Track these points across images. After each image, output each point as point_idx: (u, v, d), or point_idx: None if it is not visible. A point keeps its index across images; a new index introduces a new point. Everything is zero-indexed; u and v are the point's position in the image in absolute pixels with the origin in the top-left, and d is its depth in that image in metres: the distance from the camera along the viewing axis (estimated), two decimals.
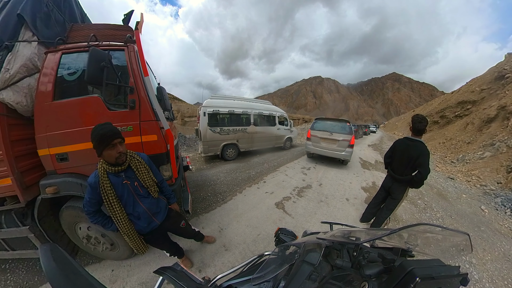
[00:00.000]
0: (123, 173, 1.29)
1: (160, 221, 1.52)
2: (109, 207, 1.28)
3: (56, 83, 1.57)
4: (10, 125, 1.51)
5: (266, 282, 0.65)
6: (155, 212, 1.47)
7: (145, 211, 1.40)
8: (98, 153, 1.18)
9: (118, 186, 1.27)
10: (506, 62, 12.73)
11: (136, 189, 1.35)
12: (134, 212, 1.37)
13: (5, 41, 1.46)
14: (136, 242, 1.47)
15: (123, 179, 1.29)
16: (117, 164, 1.24)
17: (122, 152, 1.21)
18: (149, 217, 1.43)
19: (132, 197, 1.34)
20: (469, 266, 2.25)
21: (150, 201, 1.43)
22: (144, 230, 1.46)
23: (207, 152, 5.77)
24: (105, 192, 1.23)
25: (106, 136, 1.13)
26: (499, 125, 8.24)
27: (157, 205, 1.49)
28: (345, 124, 5.95)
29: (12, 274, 1.91)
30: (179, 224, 1.76)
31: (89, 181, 1.24)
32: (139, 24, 1.73)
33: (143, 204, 1.39)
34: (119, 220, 1.33)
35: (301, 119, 67.73)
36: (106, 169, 1.23)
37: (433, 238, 0.71)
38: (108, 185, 1.23)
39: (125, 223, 1.35)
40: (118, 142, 1.18)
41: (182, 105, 43.01)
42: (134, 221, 1.40)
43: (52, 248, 0.45)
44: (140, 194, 1.37)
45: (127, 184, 1.30)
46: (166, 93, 2.48)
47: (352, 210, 3.36)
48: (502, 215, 3.69)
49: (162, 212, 1.53)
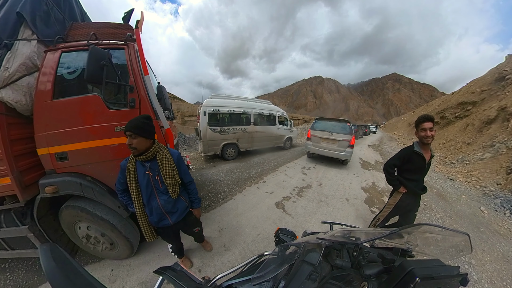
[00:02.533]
0: (148, 164, 1.35)
1: (174, 222, 1.51)
2: (130, 189, 1.37)
3: (55, 81, 1.56)
4: (9, 124, 1.50)
5: (266, 282, 0.65)
6: (170, 211, 1.47)
7: (159, 206, 1.42)
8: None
9: (140, 174, 1.34)
10: (506, 64, 12.73)
11: (156, 183, 1.37)
12: (148, 205, 1.42)
13: (4, 40, 1.45)
14: (146, 229, 1.50)
15: (146, 169, 1.34)
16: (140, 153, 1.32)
17: (131, 145, 1.24)
18: (162, 214, 1.45)
19: (151, 189, 1.38)
20: (468, 267, 2.25)
21: (167, 199, 1.43)
22: (155, 224, 1.49)
23: (207, 152, 5.77)
24: (129, 175, 1.33)
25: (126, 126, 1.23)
26: (499, 127, 8.24)
27: (174, 205, 1.47)
28: (345, 124, 5.95)
29: (12, 274, 1.90)
30: (194, 229, 1.77)
31: (121, 163, 1.38)
32: (139, 22, 1.73)
33: (159, 199, 1.41)
34: (136, 204, 1.40)
35: (301, 119, 67.77)
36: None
37: (432, 238, 0.71)
38: (132, 169, 1.32)
39: (139, 209, 1.42)
40: (128, 134, 1.24)
41: (182, 104, 42.97)
42: (146, 212, 1.45)
43: (52, 248, 0.45)
44: (159, 189, 1.40)
45: (149, 175, 1.35)
46: (166, 92, 2.48)
47: (352, 210, 3.36)
48: (501, 216, 3.70)
49: (178, 214, 1.51)
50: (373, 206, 3.59)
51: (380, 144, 14.60)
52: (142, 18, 1.77)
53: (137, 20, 1.74)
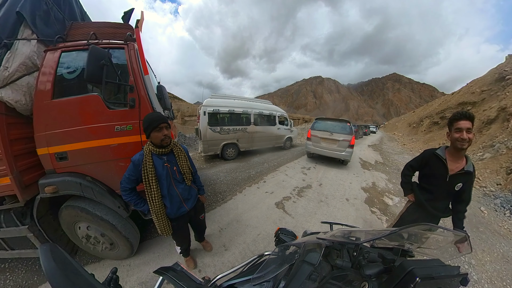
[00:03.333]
0: (165, 157, 1.42)
1: (190, 207, 1.62)
2: (147, 185, 1.37)
3: (55, 81, 1.56)
4: (9, 123, 1.50)
5: (266, 282, 0.64)
6: (186, 198, 1.58)
7: (178, 195, 1.51)
8: (147, 134, 1.34)
9: (159, 167, 1.38)
10: (506, 64, 12.73)
11: (173, 173, 1.46)
12: (168, 195, 1.46)
13: (4, 39, 1.45)
14: (163, 223, 1.51)
15: (164, 161, 1.41)
16: (162, 146, 1.37)
17: (167, 135, 1.35)
18: (180, 201, 1.54)
19: (169, 180, 1.45)
20: (468, 267, 2.26)
21: (184, 187, 1.54)
22: (173, 214, 1.54)
23: (207, 152, 5.77)
24: (146, 170, 1.34)
25: (155, 119, 1.31)
26: (499, 127, 8.24)
27: (189, 192, 1.60)
28: (345, 124, 5.96)
29: (12, 274, 1.90)
30: (200, 215, 1.87)
31: (133, 158, 1.36)
32: (139, 22, 1.73)
33: (177, 188, 1.50)
34: (153, 199, 1.40)
35: (301, 119, 67.77)
36: (152, 150, 1.36)
37: (433, 238, 0.71)
38: (151, 164, 1.34)
39: (158, 203, 1.42)
40: (164, 126, 1.33)
41: (182, 104, 42.99)
42: (166, 203, 1.49)
43: (52, 248, 0.45)
44: (176, 179, 1.49)
45: (167, 167, 1.42)
46: (166, 92, 2.48)
47: (352, 210, 3.36)
48: (501, 216, 3.70)
49: (192, 200, 1.64)
50: (373, 206, 3.59)
51: (380, 144, 14.61)
52: (142, 17, 1.77)
53: (137, 19, 1.74)
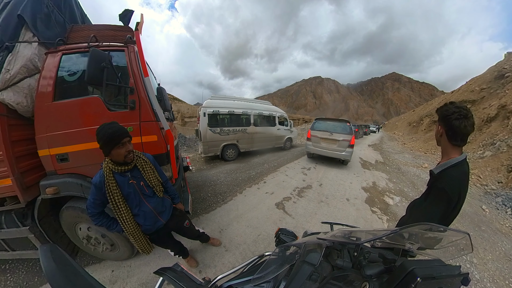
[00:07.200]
0: (129, 173, 1.29)
1: (165, 220, 1.52)
2: (115, 207, 1.26)
3: (56, 83, 1.57)
4: (10, 125, 1.51)
5: (267, 283, 0.64)
6: (161, 211, 1.47)
7: (151, 210, 1.40)
8: (106, 152, 1.16)
9: (124, 186, 1.26)
10: (506, 61, 12.71)
11: (142, 189, 1.35)
12: (140, 212, 1.35)
13: (6, 42, 1.46)
14: (142, 243, 1.45)
15: (129, 179, 1.28)
16: (125, 163, 1.24)
17: (131, 150, 1.22)
18: (155, 216, 1.43)
19: (138, 197, 1.33)
20: (470, 266, 2.25)
21: (156, 201, 1.43)
22: (150, 230, 1.45)
23: (207, 153, 5.77)
24: (111, 192, 1.21)
25: (116, 135, 1.12)
26: (499, 125, 8.23)
27: (162, 204, 1.50)
28: (345, 124, 5.95)
29: (12, 275, 1.90)
30: (183, 223, 1.77)
31: (93, 181, 1.22)
32: (139, 24, 1.74)
33: (149, 203, 1.38)
34: (125, 220, 1.31)
35: (301, 119, 67.74)
36: (112, 169, 1.21)
37: (433, 238, 0.70)
38: (114, 184, 1.21)
39: (130, 223, 1.33)
40: (127, 140, 1.18)
41: (182, 106, 43.07)
42: (139, 221, 1.39)
43: (52, 249, 0.45)
44: (146, 194, 1.37)
45: (133, 184, 1.30)
46: (166, 93, 2.49)
47: (353, 210, 3.35)
48: (503, 214, 3.69)
49: (167, 211, 1.54)
50: (374, 206, 3.59)
51: (381, 143, 14.58)
52: (142, 20, 1.78)
53: (137, 22, 1.75)
